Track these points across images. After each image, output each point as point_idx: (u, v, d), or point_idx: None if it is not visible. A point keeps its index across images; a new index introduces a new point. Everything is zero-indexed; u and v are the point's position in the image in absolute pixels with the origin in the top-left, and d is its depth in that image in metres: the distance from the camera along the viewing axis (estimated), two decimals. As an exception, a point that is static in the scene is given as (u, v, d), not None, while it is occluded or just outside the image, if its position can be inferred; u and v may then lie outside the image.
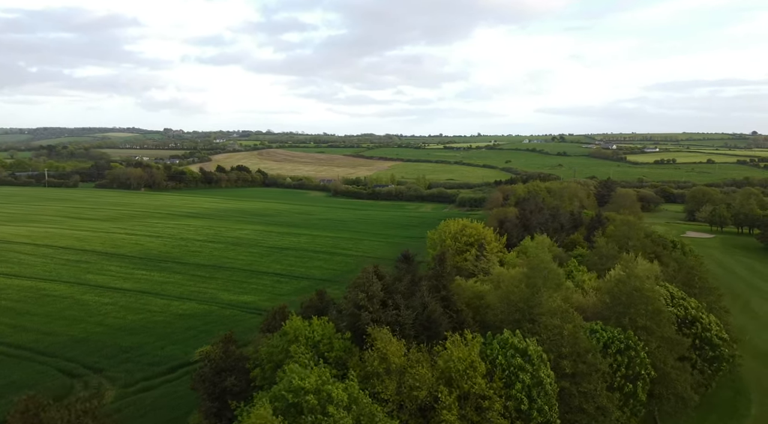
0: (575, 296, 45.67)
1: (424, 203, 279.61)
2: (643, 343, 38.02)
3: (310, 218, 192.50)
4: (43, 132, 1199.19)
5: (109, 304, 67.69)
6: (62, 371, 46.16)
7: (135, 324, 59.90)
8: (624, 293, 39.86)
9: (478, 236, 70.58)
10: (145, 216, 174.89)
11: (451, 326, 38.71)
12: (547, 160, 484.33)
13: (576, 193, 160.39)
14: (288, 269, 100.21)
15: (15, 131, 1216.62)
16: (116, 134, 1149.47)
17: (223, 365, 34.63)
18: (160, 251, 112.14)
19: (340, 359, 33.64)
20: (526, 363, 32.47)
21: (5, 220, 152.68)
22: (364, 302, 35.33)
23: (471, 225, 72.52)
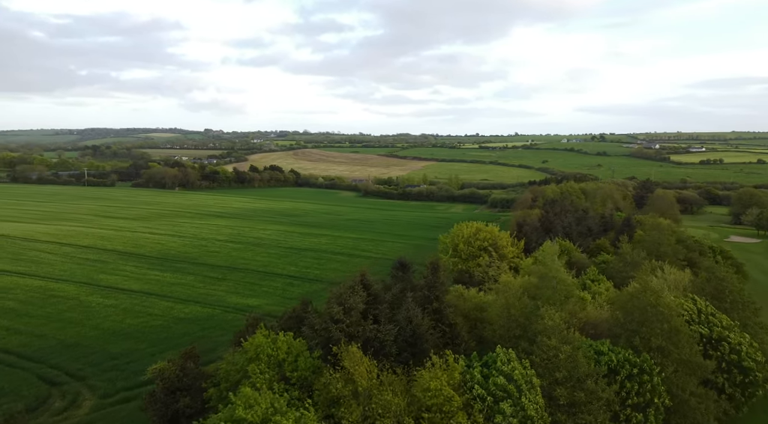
0: (588, 310, 41.44)
1: (455, 204, 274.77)
2: (659, 367, 33.62)
3: (337, 218, 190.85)
4: (90, 132, 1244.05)
5: (111, 306, 66.76)
6: (43, 378, 44.77)
7: (131, 328, 58.52)
8: (637, 309, 35.52)
9: (493, 240, 66.54)
10: (173, 215, 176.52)
11: (442, 342, 35.27)
12: (585, 160, 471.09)
13: (611, 194, 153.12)
14: (303, 271, 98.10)
15: (65, 132, 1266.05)
16: (159, 135, 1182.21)
17: (178, 384, 32.17)
18: (179, 251, 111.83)
19: (305, 380, 30.63)
20: (512, 389, 28.69)
21: (38, 218, 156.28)
22: (339, 316, 32.27)
23: (486, 229, 68.49)
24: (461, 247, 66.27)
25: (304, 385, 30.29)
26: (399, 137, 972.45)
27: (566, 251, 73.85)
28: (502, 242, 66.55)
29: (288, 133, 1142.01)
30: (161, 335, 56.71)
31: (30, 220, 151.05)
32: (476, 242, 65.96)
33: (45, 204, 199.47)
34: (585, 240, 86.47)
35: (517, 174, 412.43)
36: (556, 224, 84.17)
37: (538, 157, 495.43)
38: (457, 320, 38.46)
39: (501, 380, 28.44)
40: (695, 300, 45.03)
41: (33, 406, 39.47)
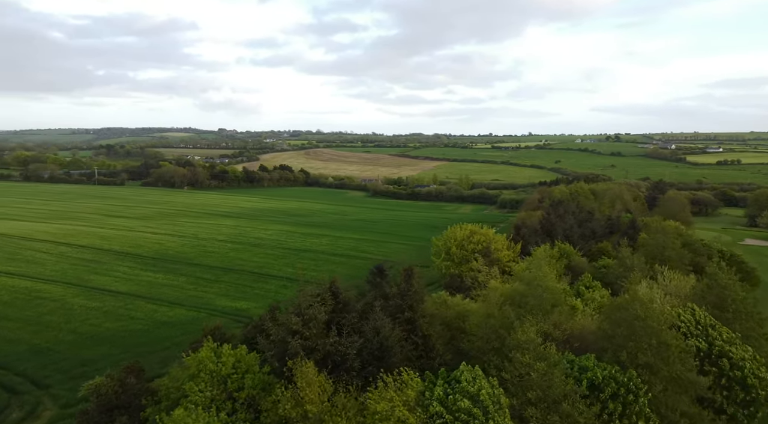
0: (575, 320, 38.77)
1: (465, 204, 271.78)
2: (647, 386, 30.88)
3: (343, 218, 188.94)
4: (106, 132, 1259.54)
5: (94, 309, 65.21)
6: (4, 386, 43.07)
7: (109, 333, 56.87)
8: (624, 321, 32.80)
9: (487, 244, 63.92)
10: (178, 215, 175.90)
11: (415, 355, 32.91)
12: (599, 160, 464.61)
13: (620, 195, 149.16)
14: (300, 273, 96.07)
15: (82, 131, 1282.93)
16: (173, 134, 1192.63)
17: (116, 402, 30.12)
18: (177, 251, 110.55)
19: (252, 399, 28.38)
20: (477, 412, 26.18)
21: (43, 217, 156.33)
22: (297, 327, 30.04)
23: (480, 231, 65.86)
24: (454, 250, 63.73)
25: (252, 404, 28.08)
26: (412, 137, 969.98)
27: (565, 254, 71.01)
28: (496, 245, 63.88)
29: (301, 133, 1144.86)
30: (138, 340, 54.98)
31: (34, 219, 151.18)
32: (470, 246, 63.41)
33: (52, 203, 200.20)
34: (588, 243, 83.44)
35: (529, 174, 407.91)
36: (557, 227, 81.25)
37: (551, 158, 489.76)
38: (432, 330, 35.95)
39: (465, 404, 26.00)
40: (693, 310, 42.05)
41: (-10, 417, 37.92)
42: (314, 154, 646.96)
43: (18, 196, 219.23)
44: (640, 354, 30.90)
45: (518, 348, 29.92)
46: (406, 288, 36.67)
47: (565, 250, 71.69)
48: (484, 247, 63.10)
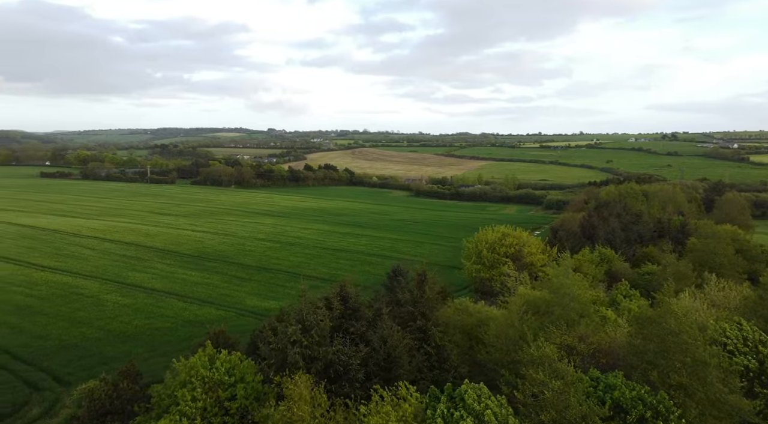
0: (607, 332, 35.85)
1: (509, 205, 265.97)
2: (680, 409, 27.86)
3: (383, 218, 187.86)
4: (162, 132, 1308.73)
5: (126, 306, 66.35)
6: (28, 382, 43.86)
7: (136, 330, 57.49)
8: (656, 336, 29.82)
9: (520, 247, 61.07)
10: (221, 213, 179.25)
11: (427, 366, 31.04)
12: (653, 160, 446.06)
13: (673, 196, 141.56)
14: (332, 273, 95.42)
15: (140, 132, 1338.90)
16: (225, 134, 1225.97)
17: (109, 407, 29.53)
18: (216, 249, 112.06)
19: (244, 410, 27.15)
20: (481, 435, 24.08)
21: (95, 214, 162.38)
22: (296, 335, 28.70)
23: (513, 233, 62.97)
24: (485, 253, 61.20)
25: (245, 416, 26.86)
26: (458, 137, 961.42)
27: (606, 259, 67.22)
28: (530, 248, 60.92)
29: (348, 133, 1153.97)
30: (164, 339, 55.34)
31: (86, 215, 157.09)
32: (501, 249, 60.74)
33: (105, 200, 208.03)
34: (633, 247, 78.95)
35: (578, 174, 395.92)
36: (599, 230, 77.17)
37: (602, 157, 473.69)
38: (446, 340, 33.87)
39: (469, 423, 23.95)
40: (740, 325, 38.28)
41: (7, 412, 38.43)
42: (360, 154, 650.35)
43: (75, 194, 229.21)
44: (672, 374, 27.91)
45: (532, 364, 27.58)
46: (418, 294, 34.80)
47: (605, 255, 67.91)
48: (516, 250, 60.32)
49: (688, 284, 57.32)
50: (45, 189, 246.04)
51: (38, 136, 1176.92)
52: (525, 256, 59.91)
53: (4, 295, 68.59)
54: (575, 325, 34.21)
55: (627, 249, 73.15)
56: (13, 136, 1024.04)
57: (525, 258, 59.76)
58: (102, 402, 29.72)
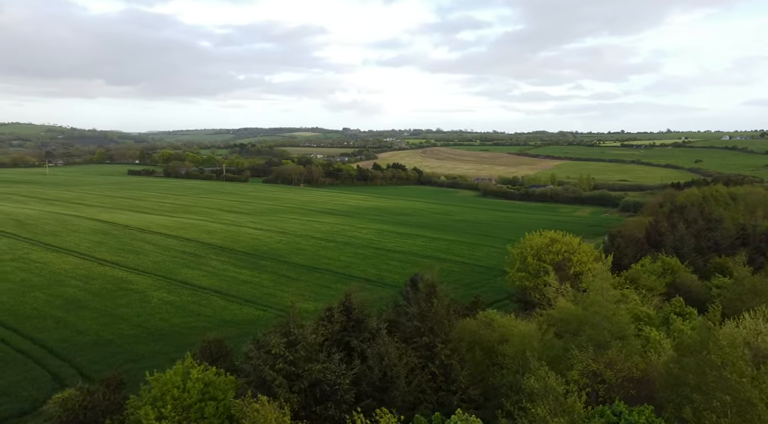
0: (645, 356, 31.37)
1: (583, 206, 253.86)
2: (719, 455, 23.46)
3: (445, 218, 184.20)
4: (243, 132, 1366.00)
5: (169, 303, 67.66)
6: (57, 377, 44.99)
7: (172, 329, 58.16)
8: (694, 368, 25.31)
9: (570, 254, 56.34)
10: (285, 211, 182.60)
11: (432, 387, 28.24)
12: (749, 160, 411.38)
13: (764, 200, 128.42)
14: (381, 275, 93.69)
15: (223, 132, 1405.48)
16: (301, 134, 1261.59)
17: (83, 419, 28.63)
18: (271, 247, 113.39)
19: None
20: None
21: (168, 210, 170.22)
22: (279, 350, 26.77)
23: (562, 239, 58.16)
24: (530, 260, 56.95)
25: (212, 436, 25.24)
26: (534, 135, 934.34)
27: (670, 270, 60.90)
28: (580, 256, 56.02)
29: (421, 132, 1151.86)
30: (195, 338, 55.40)
31: (159, 212, 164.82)
32: (548, 256, 56.26)
33: (181, 197, 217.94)
34: (706, 257, 71.37)
35: (662, 175, 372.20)
36: (666, 236, 70.29)
37: (690, 157, 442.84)
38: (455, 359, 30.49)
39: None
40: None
41: (28, 409, 39.50)
42: (430, 153, 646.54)
43: (154, 191, 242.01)
44: (708, 413, 23.52)
45: (531, 397, 24.11)
46: (426, 308, 31.89)
47: (669, 264, 61.54)
48: (564, 258, 55.69)
49: (765, 301, 50.62)
50: (129, 186, 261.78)
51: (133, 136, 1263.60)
52: (574, 264, 55.14)
53: (59, 288, 72.11)
54: (606, 348, 30.16)
55: (697, 259, 65.99)
56: (111, 136, 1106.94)
57: (574, 267, 55.02)
58: (75, 413, 29.08)
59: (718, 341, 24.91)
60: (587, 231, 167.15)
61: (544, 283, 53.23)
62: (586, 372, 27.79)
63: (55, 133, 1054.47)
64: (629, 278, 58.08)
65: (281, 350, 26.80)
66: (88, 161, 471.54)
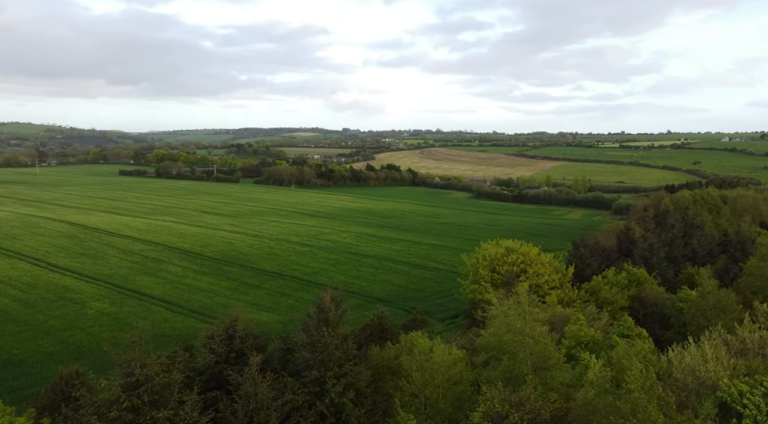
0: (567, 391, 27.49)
1: (576, 209, 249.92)
2: None
3: (432, 221, 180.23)
4: (244, 132, 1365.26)
5: (107, 315, 63.67)
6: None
7: (97, 346, 53.39)
8: (603, 412, 21.35)
9: (526, 265, 52.55)
10: (269, 213, 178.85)
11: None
12: (748, 162, 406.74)
13: (754, 205, 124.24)
14: (349, 283, 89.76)
15: (223, 132, 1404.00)
16: (301, 134, 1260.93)
17: None
18: (242, 252, 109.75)
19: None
20: None
21: (146, 212, 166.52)
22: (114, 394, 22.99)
23: (518, 249, 54.26)
24: (482, 272, 53.12)
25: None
26: (534, 136, 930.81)
27: (635, 282, 57.12)
28: (539, 268, 52.19)
29: (421, 132, 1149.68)
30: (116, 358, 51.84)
31: (136, 214, 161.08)
32: (503, 267, 52.44)
33: (164, 198, 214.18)
34: (678, 266, 67.50)
35: (659, 177, 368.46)
36: (637, 245, 66.39)
37: (688, 158, 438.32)
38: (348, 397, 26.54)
39: None
40: (763, 385, 28.75)
41: None
42: (428, 154, 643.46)
43: (140, 191, 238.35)
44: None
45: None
46: (317, 336, 27.95)
47: (636, 276, 57.72)
48: (520, 269, 51.91)
49: (732, 317, 46.88)
50: (116, 187, 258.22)
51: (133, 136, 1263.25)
52: (530, 276, 51.32)
53: (-7, 297, 68.63)
54: (523, 382, 26.33)
55: (668, 269, 62.04)
56: (110, 136, 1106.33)
57: (530, 279, 51.15)
58: None
59: (629, 382, 21.14)
60: (575, 235, 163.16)
61: (484, 300, 49.44)
62: (491, 414, 24.09)
63: (54, 133, 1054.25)
64: (590, 290, 54.32)
65: (117, 393, 22.91)
66: (82, 161, 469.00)
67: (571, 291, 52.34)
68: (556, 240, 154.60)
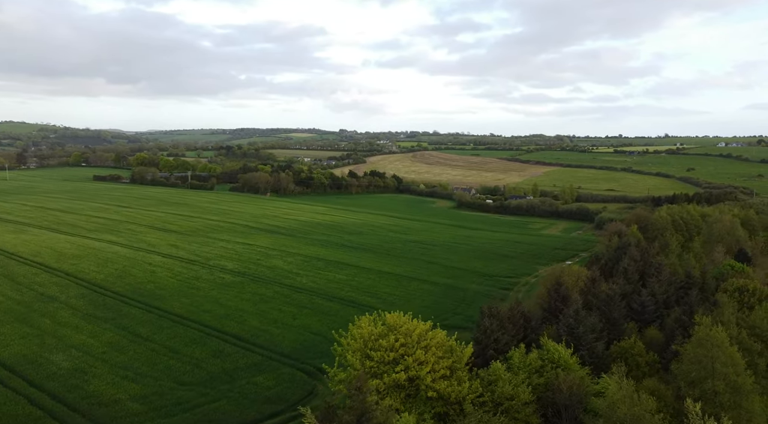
0: None
1: (559, 221, 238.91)
2: None
3: (398, 238, 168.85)
4: (240, 132, 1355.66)
5: None
6: None
7: None
8: None
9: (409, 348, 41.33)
10: (224, 230, 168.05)
11: None
12: (743, 168, 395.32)
13: (731, 230, 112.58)
14: (260, 330, 78.58)
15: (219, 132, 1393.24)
16: (297, 135, 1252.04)
17: None
18: (158, 284, 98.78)
19: None
20: None
21: (87, 228, 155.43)
22: None
23: (401, 328, 42.50)
24: (350, 358, 41.94)
25: None
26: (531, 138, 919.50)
27: (551, 364, 45.95)
28: (420, 355, 40.84)
29: (417, 134, 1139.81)
30: None
31: (78, 231, 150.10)
32: (377, 353, 41.28)
33: (122, 210, 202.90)
34: (620, 329, 56.30)
35: (651, 184, 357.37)
36: (572, 305, 55.03)
37: (683, 164, 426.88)
38: None
39: None
40: None
41: None
42: (420, 157, 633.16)
43: (101, 201, 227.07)
44: None
45: None
46: None
47: (551, 356, 46.51)
48: (399, 354, 40.82)
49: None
50: (79, 195, 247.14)
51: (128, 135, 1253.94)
52: (410, 366, 40.23)
53: None
54: None
55: (597, 342, 50.58)
56: (104, 136, 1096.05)
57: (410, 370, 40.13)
58: None
59: None
60: (547, 256, 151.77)
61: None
62: None
63: (48, 132, 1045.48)
64: (487, 380, 43.13)
65: None
66: (63, 164, 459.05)
67: (463, 382, 41.30)
68: (526, 262, 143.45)
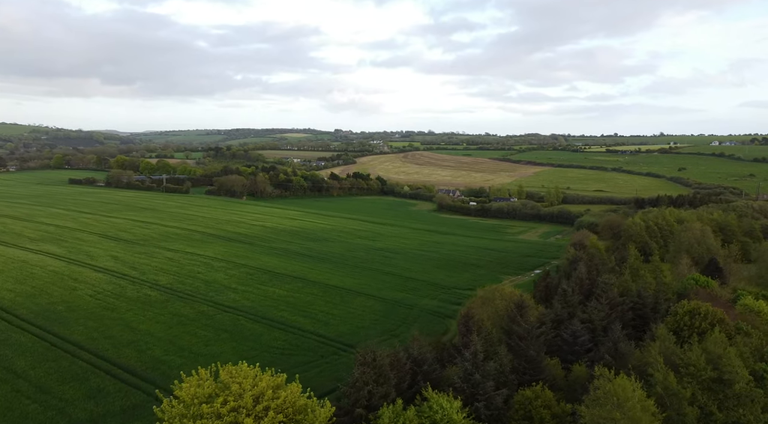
0: None
1: (541, 225, 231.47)
2: None
3: (363, 246, 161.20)
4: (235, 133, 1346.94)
5: None
6: None
7: None
8: None
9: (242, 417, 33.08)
10: (181, 238, 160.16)
11: None
12: (734, 168, 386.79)
13: (701, 239, 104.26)
14: (162, 361, 70.45)
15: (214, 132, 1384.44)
16: (293, 135, 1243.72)
17: None
18: (73, 305, 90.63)
19: None
20: None
21: (31, 237, 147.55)
22: None
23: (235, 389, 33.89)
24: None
25: None
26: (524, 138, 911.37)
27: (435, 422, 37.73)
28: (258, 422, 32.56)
29: (412, 134, 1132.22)
30: None
31: (20, 241, 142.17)
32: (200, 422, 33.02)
33: (81, 215, 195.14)
34: (533, 372, 48.07)
35: (641, 184, 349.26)
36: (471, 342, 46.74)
37: (675, 164, 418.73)
38: None
39: None
40: None
41: None
42: (411, 158, 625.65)
43: (62, 206, 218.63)
44: None
45: None
46: None
47: (433, 417, 38.29)
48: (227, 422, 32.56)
49: None
50: (45, 200, 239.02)
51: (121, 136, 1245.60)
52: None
53: None
54: None
55: (496, 393, 42.40)
56: (97, 137, 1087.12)
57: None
58: None
59: None
60: (514, 264, 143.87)
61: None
62: None
63: (39, 133, 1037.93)
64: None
65: None
66: (44, 167, 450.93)
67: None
68: (491, 271, 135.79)
